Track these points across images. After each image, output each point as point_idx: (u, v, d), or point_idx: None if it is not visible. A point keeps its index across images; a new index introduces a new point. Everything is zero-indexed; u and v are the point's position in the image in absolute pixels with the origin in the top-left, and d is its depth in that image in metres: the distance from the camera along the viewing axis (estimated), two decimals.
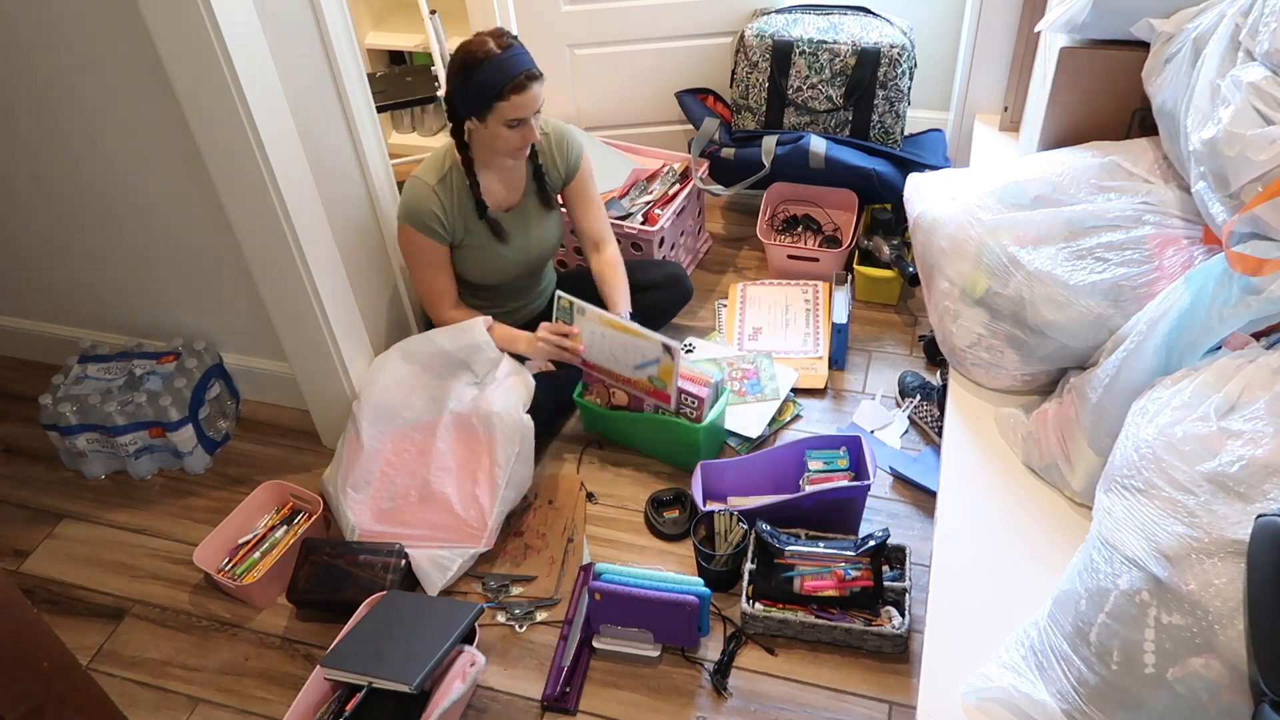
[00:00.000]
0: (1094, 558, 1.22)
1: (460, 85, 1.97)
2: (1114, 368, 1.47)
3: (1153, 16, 1.67)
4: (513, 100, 1.94)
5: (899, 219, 2.59)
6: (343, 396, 2.26)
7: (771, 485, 2.11)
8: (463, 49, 1.96)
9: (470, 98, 1.97)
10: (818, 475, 2.05)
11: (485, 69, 1.93)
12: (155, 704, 1.91)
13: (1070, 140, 1.87)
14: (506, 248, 2.21)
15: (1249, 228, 1.31)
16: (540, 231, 2.27)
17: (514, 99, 1.94)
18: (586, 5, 2.79)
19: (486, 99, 1.95)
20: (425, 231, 2.10)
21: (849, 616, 1.85)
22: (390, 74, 3.08)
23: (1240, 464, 1.13)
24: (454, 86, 1.99)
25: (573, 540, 2.12)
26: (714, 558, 1.97)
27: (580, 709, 1.83)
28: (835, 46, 2.56)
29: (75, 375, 2.37)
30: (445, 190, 2.10)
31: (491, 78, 1.93)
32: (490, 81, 1.93)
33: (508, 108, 1.95)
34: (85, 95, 2.00)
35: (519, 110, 1.96)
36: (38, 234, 2.36)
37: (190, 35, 1.69)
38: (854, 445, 2.06)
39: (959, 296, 1.73)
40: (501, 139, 2.01)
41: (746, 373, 2.33)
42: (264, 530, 2.16)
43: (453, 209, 2.11)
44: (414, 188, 2.10)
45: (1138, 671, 1.12)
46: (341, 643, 1.82)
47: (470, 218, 2.14)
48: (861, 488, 1.97)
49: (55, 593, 2.13)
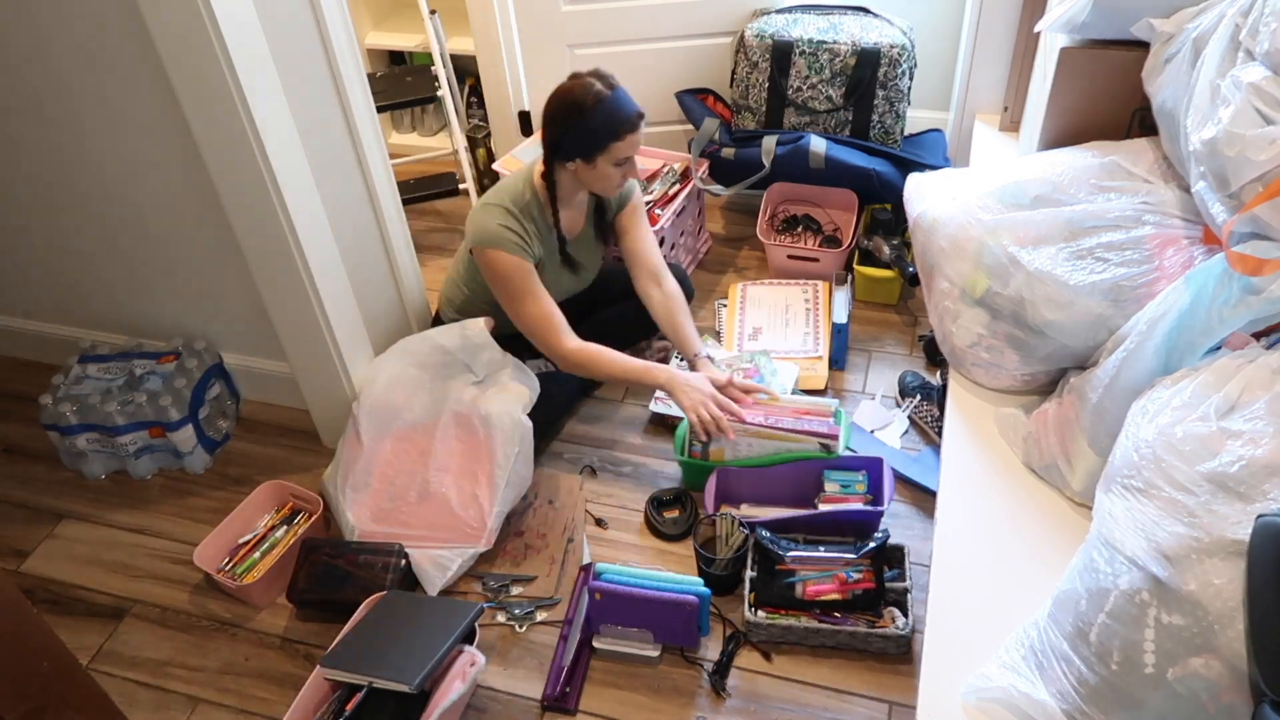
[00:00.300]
0: (1094, 558, 1.22)
1: (572, 129, 1.98)
2: (1114, 368, 1.46)
3: (1153, 16, 1.67)
4: (627, 140, 1.99)
5: (899, 219, 2.59)
6: (343, 396, 2.26)
7: (789, 497, 2.07)
8: (569, 93, 1.98)
9: (583, 140, 1.99)
10: (833, 496, 2.01)
11: (601, 112, 1.96)
12: (155, 704, 1.91)
13: (1070, 140, 1.87)
14: (573, 278, 2.25)
15: (1249, 228, 1.31)
16: (591, 263, 2.31)
17: (629, 139, 1.99)
18: (586, 5, 2.79)
19: (601, 141, 1.98)
20: (510, 250, 2.06)
21: (852, 619, 1.84)
22: (390, 74, 3.08)
23: (1240, 464, 1.13)
24: (562, 128, 1.99)
25: (573, 540, 2.12)
26: (714, 561, 1.96)
27: (580, 709, 1.83)
28: (835, 46, 2.56)
29: (75, 375, 2.37)
30: (526, 216, 2.10)
31: (608, 121, 1.97)
32: (606, 124, 1.97)
33: (621, 148, 2.00)
34: (85, 95, 2.00)
35: (631, 150, 2.02)
36: (38, 234, 2.36)
37: (190, 35, 1.69)
38: (874, 469, 2.02)
39: (959, 296, 1.73)
40: (607, 178, 2.05)
41: (748, 371, 2.33)
42: (264, 530, 2.16)
43: (532, 235, 2.11)
44: (490, 213, 2.08)
45: (1138, 671, 1.12)
46: (341, 643, 1.82)
47: (546, 249, 2.16)
48: (875, 513, 1.95)
49: (55, 593, 2.13)
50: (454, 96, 3.01)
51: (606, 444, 2.35)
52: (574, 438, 2.37)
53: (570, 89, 1.99)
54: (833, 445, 2.04)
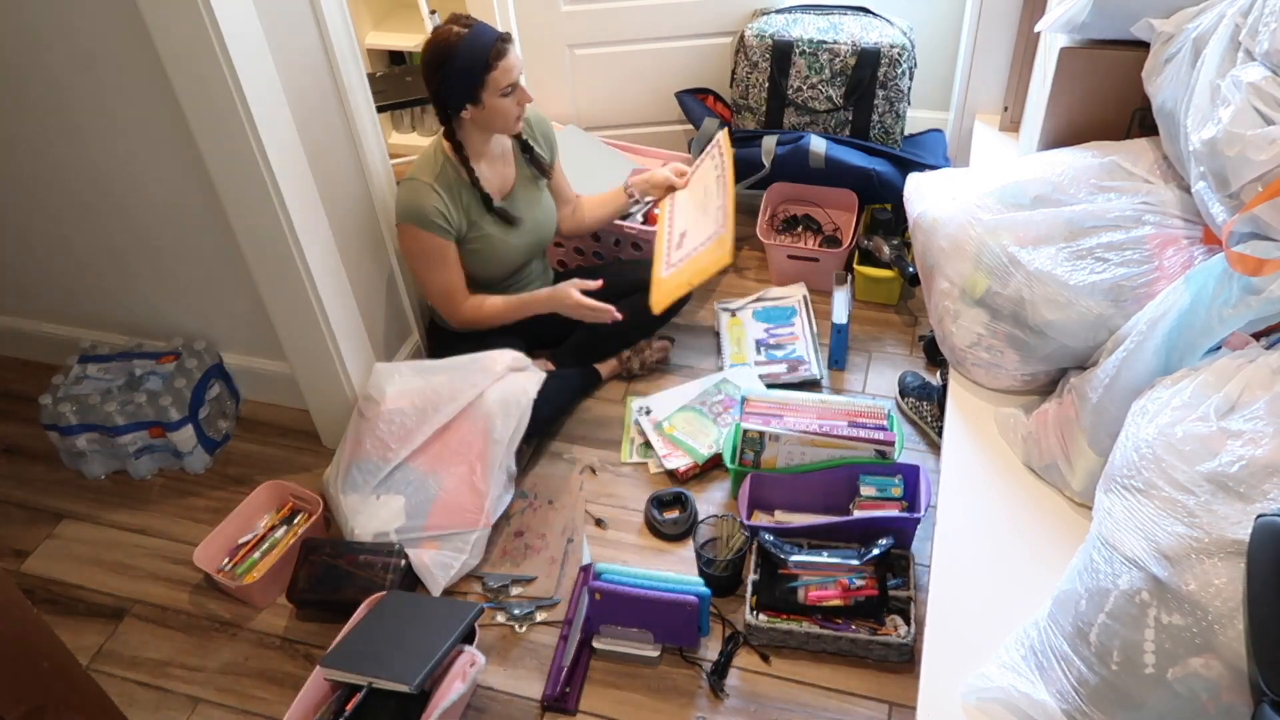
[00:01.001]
0: (1094, 558, 1.22)
1: (444, 76, 2.00)
2: (1114, 368, 1.47)
3: (1153, 16, 1.67)
4: (500, 66, 1.99)
5: (899, 219, 2.59)
6: (343, 396, 2.26)
7: (822, 504, 2.05)
8: (431, 45, 2.00)
9: (459, 83, 1.99)
10: (868, 501, 1.99)
11: (462, 50, 1.96)
12: (155, 704, 1.91)
13: (1070, 140, 1.87)
14: (516, 233, 2.23)
15: (1249, 228, 1.31)
16: (540, 211, 2.31)
17: (500, 64, 1.99)
18: (586, 5, 2.79)
19: (475, 77, 1.98)
20: (431, 229, 2.10)
21: (854, 626, 1.84)
22: (390, 74, 3.08)
23: (1240, 464, 1.13)
24: (438, 81, 2.01)
25: (573, 540, 2.12)
26: (714, 562, 1.96)
27: (580, 709, 1.83)
28: (835, 46, 2.56)
29: (75, 375, 2.37)
30: (444, 187, 2.11)
31: (471, 55, 1.97)
32: (472, 59, 1.97)
33: (499, 76, 1.99)
34: (85, 96, 2.00)
35: (509, 75, 2.01)
36: (38, 234, 2.36)
37: (190, 35, 1.69)
38: (910, 475, 2.00)
39: (959, 296, 1.73)
40: (501, 111, 2.05)
41: (724, 403, 2.33)
42: (264, 530, 2.16)
43: (453, 205, 2.12)
44: (411, 188, 2.11)
45: (1138, 671, 1.12)
46: (341, 643, 1.82)
47: (473, 211, 2.15)
48: (912, 520, 1.92)
49: (55, 593, 2.13)
50: None
51: (606, 444, 2.35)
52: (574, 438, 2.37)
53: (431, 41, 2.01)
54: (889, 451, 2.02)
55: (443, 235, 2.12)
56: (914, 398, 2.32)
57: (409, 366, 2.22)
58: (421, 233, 2.11)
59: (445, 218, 2.11)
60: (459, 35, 1.97)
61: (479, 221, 2.17)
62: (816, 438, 2.03)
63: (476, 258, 2.20)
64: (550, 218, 2.34)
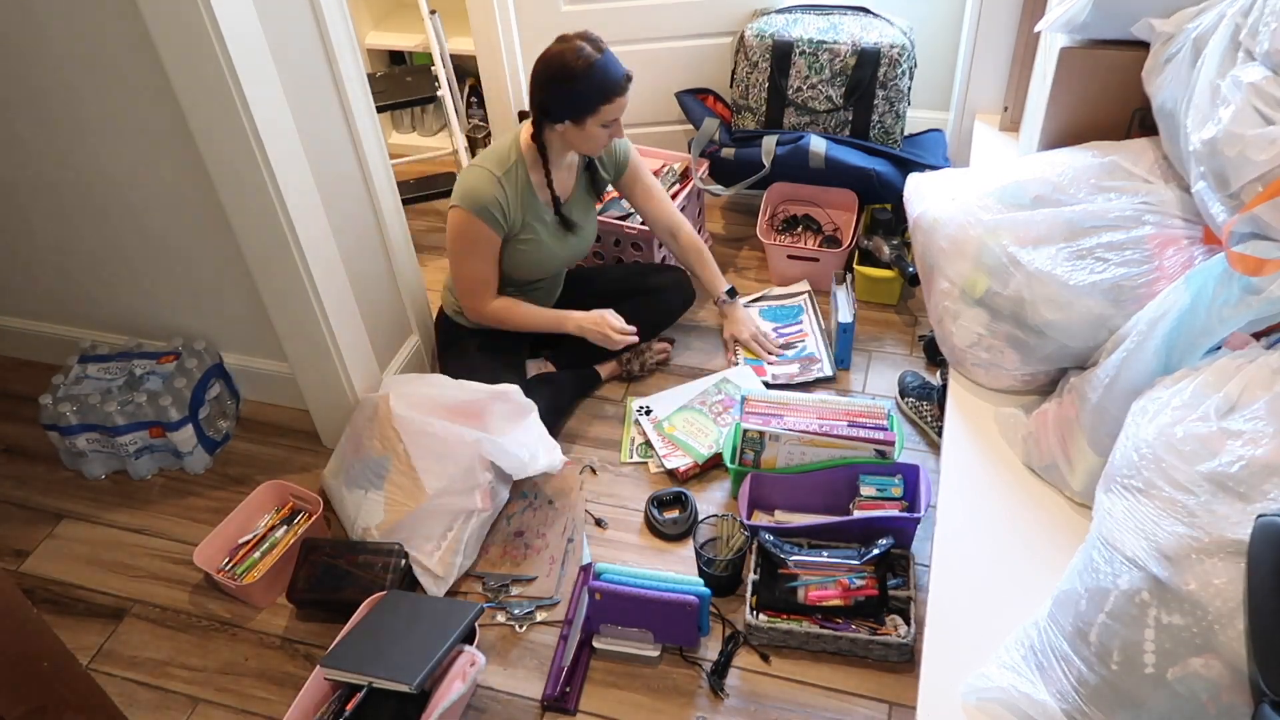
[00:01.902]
0: (1094, 558, 1.22)
1: (562, 91, 2.01)
2: (1114, 368, 1.47)
3: (1153, 16, 1.67)
4: (616, 102, 2.04)
5: (899, 219, 2.59)
6: (343, 396, 2.26)
7: (822, 504, 2.05)
8: (559, 56, 2.01)
9: (573, 102, 2.02)
10: (868, 501, 1.99)
11: (592, 75, 1.99)
12: (155, 704, 1.91)
13: (1070, 140, 1.87)
14: (567, 241, 2.26)
15: (1249, 228, 1.31)
16: (589, 224, 2.34)
17: (617, 101, 2.04)
18: (586, 5, 2.79)
19: (592, 103, 2.02)
20: (484, 218, 2.11)
21: (854, 626, 1.84)
22: (390, 74, 3.08)
23: (1240, 464, 1.13)
24: (551, 90, 2.03)
25: (573, 540, 2.12)
26: (714, 562, 1.96)
27: (580, 709, 1.83)
28: (835, 46, 2.56)
29: (75, 375, 2.37)
30: (510, 182, 2.13)
31: (597, 84, 2.00)
32: (596, 88, 2.00)
33: (610, 110, 2.04)
34: (85, 95, 2.00)
35: (619, 111, 2.06)
36: (38, 234, 2.36)
37: (190, 35, 1.69)
38: (910, 475, 2.00)
39: (959, 296, 1.73)
40: (594, 139, 2.09)
41: (724, 403, 2.34)
42: (264, 530, 2.16)
43: (514, 201, 2.13)
44: (477, 175, 2.12)
45: (1138, 671, 1.12)
46: (341, 643, 1.82)
47: (530, 212, 2.17)
48: (912, 519, 1.92)
49: (55, 593, 2.13)
50: (454, 96, 3.01)
51: (606, 444, 2.35)
52: (574, 438, 2.37)
53: (560, 52, 2.01)
54: (888, 451, 2.03)
55: (494, 228, 2.13)
56: (914, 398, 2.32)
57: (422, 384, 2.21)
58: (474, 219, 2.11)
59: (503, 212, 2.12)
60: (590, 60, 1.99)
61: (534, 223, 2.18)
62: (816, 438, 2.03)
63: (520, 257, 2.22)
64: (590, 237, 2.37)
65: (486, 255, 2.18)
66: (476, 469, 2.03)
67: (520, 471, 2.07)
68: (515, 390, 2.13)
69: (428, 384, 2.16)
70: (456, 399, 2.11)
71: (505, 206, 2.12)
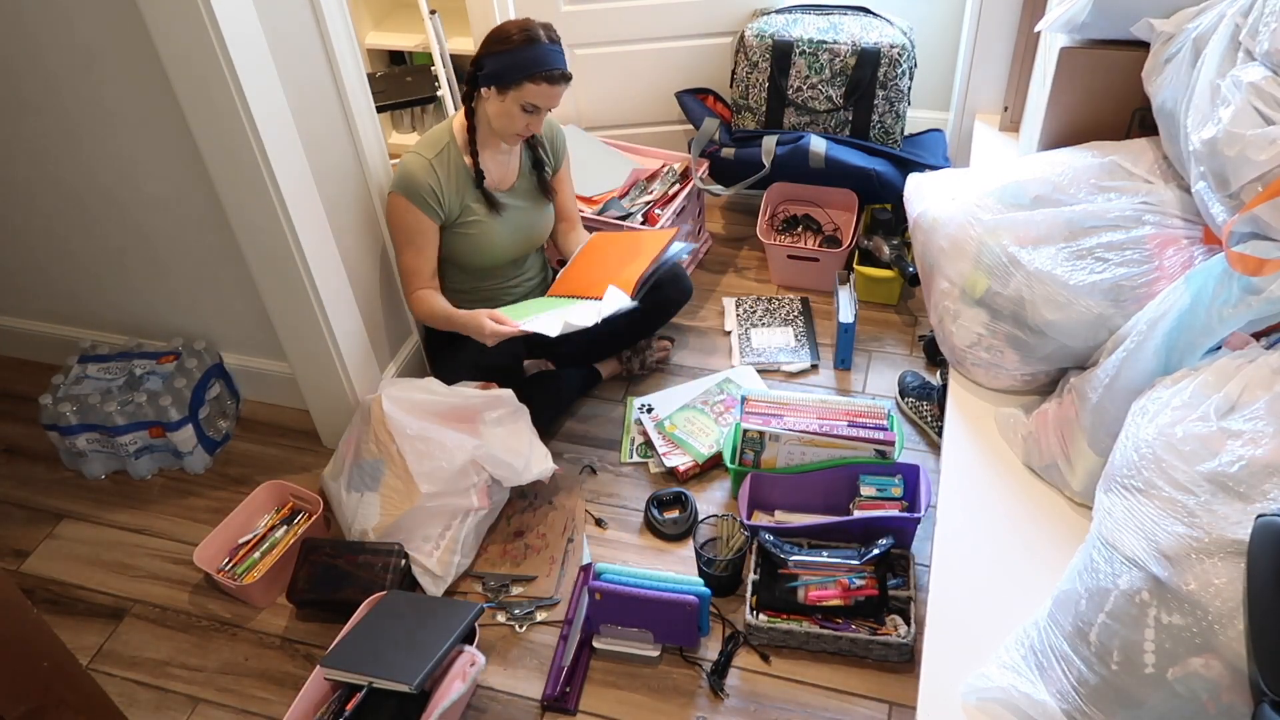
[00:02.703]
0: (1094, 558, 1.22)
1: (496, 53, 2.02)
2: (1114, 368, 1.47)
3: (1153, 16, 1.67)
4: (541, 87, 2.02)
5: (899, 219, 2.59)
6: (343, 396, 2.26)
7: (822, 504, 2.05)
8: (512, 23, 2.03)
9: (502, 67, 2.01)
10: (868, 501, 1.99)
11: (528, 49, 1.99)
12: (155, 704, 1.91)
13: (1070, 140, 1.87)
14: (500, 222, 2.22)
15: (1249, 228, 1.31)
16: (533, 215, 2.30)
17: (543, 86, 2.02)
18: (586, 5, 2.79)
19: (516, 75, 2.01)
20: (418, 203, 2.11)
21: (854, 626, 1.84)
22: (390, 74, 3.08)
23: (1240, 464, 1.13)
24: (488, 51, 2.03)
25: (573, 540, 2.12)
26: (714, 562, 1.96)
27: (580, 709, 1.83)
28: (835, 46, 2.56)
29: (75, 375, 2.37)
30: (442, 166, 2.12)
31: (530, 58, 1.99)
32: (528, 61, 1.99)
33: (533, 92, 2.02)
34: (85, 95, 2.00)
35: (540, 98, 2.03)
36: (38, 234, 2.36)
37: (190, 35, 1.69)
38: (910, 475, 2.00)
39: (959, 296, 1.73)
40: (510, 118, 2.07)
41: (726, 403, 2.34)
42: (264, 530, 2.16)
43: (448, 186, 2.13)
44: (411, 161, 2.12)
45: (1138, 671, 1.12)
46: (341, 643, 1.82)
47: (466, 194, 2.16)
48: (912, 519, 1.92)
49: (55, 593, 2.13)
50: (454, 96, 3.01)
51: (606, 444, 2.35)
52: (574, 438, 2.37)
53: (514, 21, 2.04)
54: (888, 451, 2.03)
55: (429, 214, 2.13)
56: (914, 398, 2.32)
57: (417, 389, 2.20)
58: (408, 204, 2.12)
59: (436, 197, 2.12)
60: (536, 38, 2.00)
61: (468, 205, 2.17)
62: (816, 438, 2.03)
63: (466, 241, 2.20)
64: (543, 224, 2.34)
65: (421, 243, 2.17)
66: (471, 469, 2.03)
67: (514, 480, 2.07)
68: (509, 395, 2.12)
69: (421, 389, 2.15)
70: (450, 404, 2.11)
71: (439, 191, 2.11)
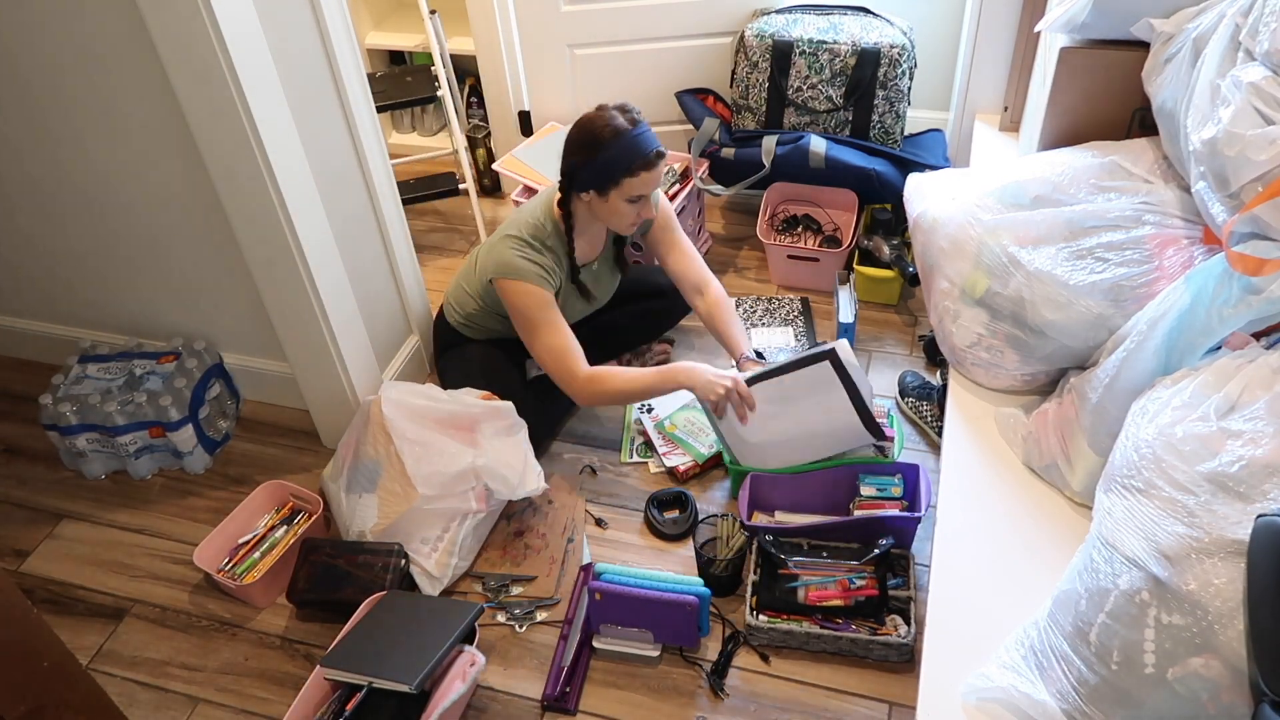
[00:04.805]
0: (1094, 558, 1.22)
1: (586, 159, 1.95)
2: (1114, 368, 1.47)
3: (1153, 16, 1.67)
4: (642, 177, 1.95)
5: (899, 219, 2.59)
6: (343, 396, 2.26)
7: (822, 504, 2.04)
8: (589, 123, 1.95)
9: (597, 173, 1.95)
10: (868, 501, 1.98)
11: (618, 145, 1.92)
12: (155, 704, 1.91)
13: (1070, 140, 1.87)
14: (584, 304, 2.23)
15: (1249, 228, 1.31)
16: (604, 289, 2.29)
17: (643, 176, 1.95)
18: (586, 5, 2.79)
19: (615, 175, 1.94)
20: (539, 283, 2.04)
21: (854, 626, 1.83)
22: (390, 74, 3.08)
23: (1240, 464, 1.13)
24: (578, 159, 1.97)
25: (573, 540, 2.12)
26: (714, 562, 1.96)
27: (580, 709, 1.83)
28: (835, 46, 2.56)
29: (75, 375, 2.37)
30: (545, 248, 2.08)
31: (623, 154, 1.92)
32: (622, 158, 1.92)
33: (635, 184, 1.95)
34: (85, 95, 2.00)
35: (645, 187, 1.97)
36: (38, 234, 2.36)
37: (190, 35, 1.69)
38: (910, 474, 1.98)
39: (959, 296, 1.73)
40: (619, 214, 2.01)
41: None
42: (264, 530, 2.16)
43: (551, 266, 2.09)
44: (516, 246, 2.06)
45: (1138, 671, 1.12)
46: (341, 643, 1.82)
47: (562, 278, 2.13)
48: (912, 519, 1.92)
49: (55, 593, 2.13)
50: (454, 96, 3.01)
51: (606, 444, 2.35)
52: (574, 438, 2.37)
53: (591, 119, 1.96)
54: (888, 448, 2.02)
55: (547, 288, 2.06)
56: (914, 398, 2.32)
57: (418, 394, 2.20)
58: (525, 285, 2.03)
59: (550, 271, 2.07)
60: (618, 130, 1.92)
61: (562, 288, 2.15)
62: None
63: None
64: (606, 299, 2.32)
65: (553, 320, 2.06)
66: (469, 473, 2.03)
67: (509, 494, 2.05)
68: (508, 408, 2.10)
69: (421, 395, 2.14)
70: (449, 411, 2.10)
71: (545, 268, 2.06)
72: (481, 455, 2.04)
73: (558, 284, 2.11)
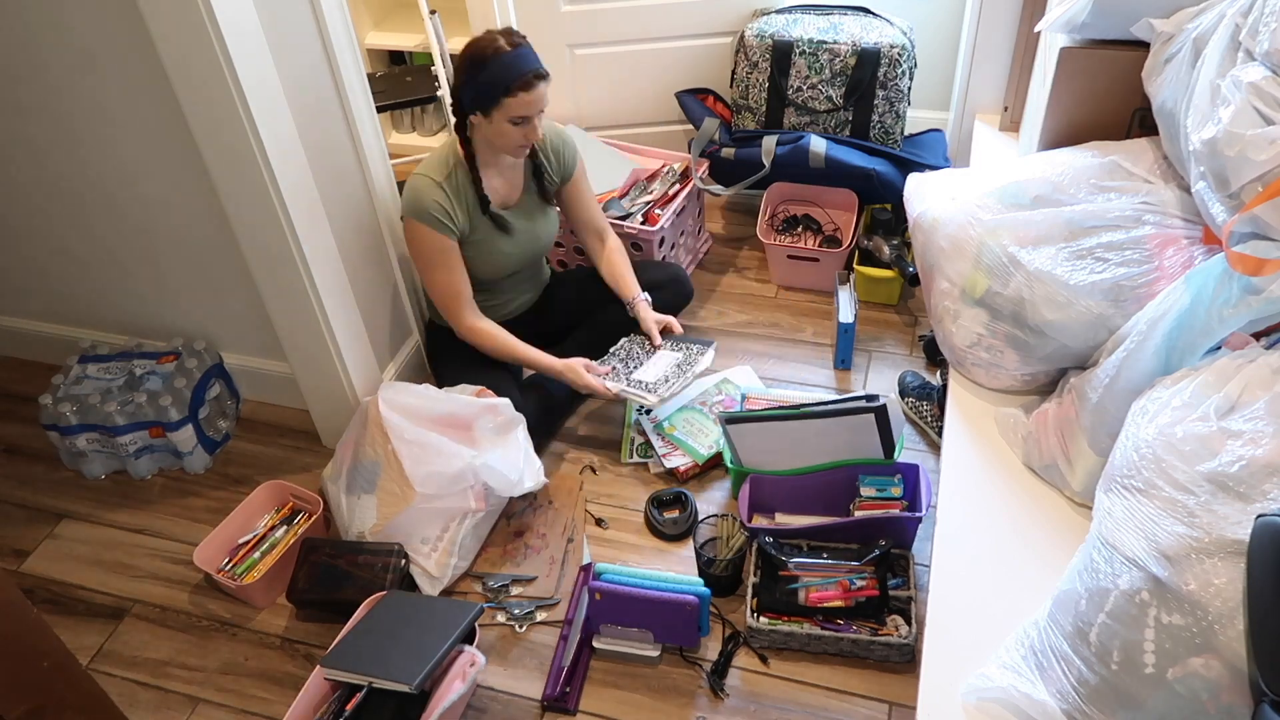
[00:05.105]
0: (1094, 558, 1.22)
1: (468, 80, 1.99)
2: (1114, 368, 1.47)
3: (1153, 16, 1.67)
4: (520, 97, 1.98)
5: (899, 219, 2.59)
6: (343, 396, 2.26)
7: (822, 505, 2.04)
8: (472, 45, 1.99)
9: (477, 93, 1.99)
10: (868, 501, 1.97)
11: (494, 65, 1.95)
12: (155, 704, 1.91)
13: (1070, 140, 1.87)
14: (509, 240, 2.22)
15: (1249, 228, 1.31)
16: (539, 226, 2.30)
17: (521, 96, 1.98)
18: (586, 5, 2.79)
19: (494, 95, 1.97)
20: (434, 225, 2.09)
21: (855, 627, 1.83)
22: (390, 74, 3.08)
23: (1240, 464, 1.13)
24: (461, 81, 2.01)
25: (573, 540, 2.12)
26: (714, 562, 1.96)
27: (580, 709, 1.83)
28: (835, 46, 2.56)
29: (75, 375, 2.37)
30: (450, 186, 2.11)
31: (500, 74, 1.95)
32: (499, 78, 1.96)
33: (514, 104, 1.98)
34: (85, 95, 2.00)
35: (524, 108, 1.99)
36: (38, 234, 2.36)
37: (190, 36, 1.69)
38: (910, 475, 1.98)
39: (959, 296, 1.73)
40: (505, 135, 2.04)
41: (725, 403, 2.34)
42: (264, 530, 2.16)
43: (457, 204, 2.12)
44: (418, 184, 2.10)
45: (1138, 671, 1.12)
46: (341, 643, 1.82)
47: (474, 213, 2.15)
48: (912, 519, 1.92)
49: (55, 593, 2.13)
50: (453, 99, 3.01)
51: (606, 444, 2.35)
52: (574, 438, 2.37)
53: (475, 41, 2.00)
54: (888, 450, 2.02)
55: (445, 232, 2.11)
56: (914, 398, 2.32)
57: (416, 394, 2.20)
58: (424, 228, 2.10)
59: (449, 215, 2.10)
60: (499, 50, 1.96)
61: (476, 224, 2.17)
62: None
63: (469, 257, 2.20)
64: (545, 237, 2.33)
65: (449, 264, 2.15)
66: (467, 473, 2.02)
67: (509, 491, 2.06)
68: (505, 404, 2.11)
69: (418, 395, 2.14)
70: (446, 410, 2.10)
71: (450, 210, 2.10)
72: (479, 454, 2.04)
73: (461, 227, 2.13)
